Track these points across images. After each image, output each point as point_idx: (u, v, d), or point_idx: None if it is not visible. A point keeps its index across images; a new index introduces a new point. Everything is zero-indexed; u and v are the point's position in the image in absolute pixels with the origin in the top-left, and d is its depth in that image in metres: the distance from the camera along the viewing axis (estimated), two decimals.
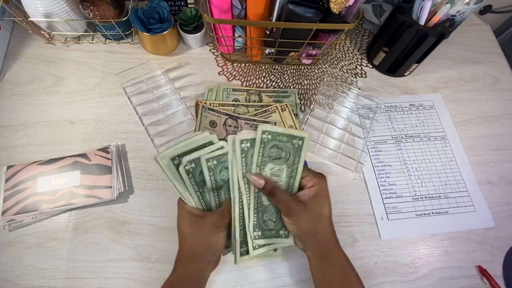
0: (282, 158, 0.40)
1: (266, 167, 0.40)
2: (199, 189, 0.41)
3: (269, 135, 0.39)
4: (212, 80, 0.66)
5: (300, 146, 0.40)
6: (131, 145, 0.58)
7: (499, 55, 0.74)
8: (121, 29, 0.64)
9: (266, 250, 0.42)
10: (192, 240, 0.40)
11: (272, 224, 0.42)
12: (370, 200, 0.56)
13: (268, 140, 0.39)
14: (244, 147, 0.39)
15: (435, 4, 0.56)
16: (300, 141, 0.40)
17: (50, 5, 0.58)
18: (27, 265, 0.49)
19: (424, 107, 0.66)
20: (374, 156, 0.60)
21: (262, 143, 0.39)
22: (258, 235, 0.41)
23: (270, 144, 0.39)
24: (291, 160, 0.40)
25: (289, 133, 0.39)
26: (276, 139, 0.39)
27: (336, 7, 0.52)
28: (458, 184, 0.59)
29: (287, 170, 0.41)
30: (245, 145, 0.39)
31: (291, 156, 0.40)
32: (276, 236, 0.42)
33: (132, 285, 0.49)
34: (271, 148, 0.39)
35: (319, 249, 0.40)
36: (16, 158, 0.56)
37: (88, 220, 0.52)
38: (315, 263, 0.40)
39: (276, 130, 0.39)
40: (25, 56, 0.66)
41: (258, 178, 0.39)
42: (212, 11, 0.55)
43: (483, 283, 0.51)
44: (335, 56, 0.71)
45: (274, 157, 0.40)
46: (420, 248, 0.53)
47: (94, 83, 0.64)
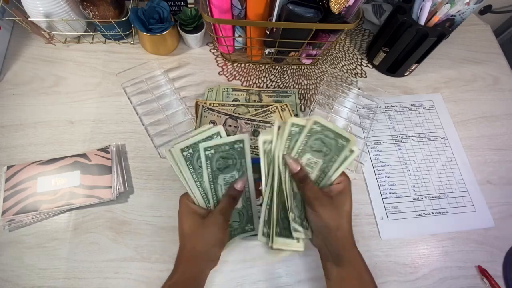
0: (321, 152, 0.41)
1: (304, 156, 0.41)
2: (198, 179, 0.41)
3: (319, 127, 0.39)
4: (212, 80, 0.66)
5: (343, 147, 0.40)
6: (131, 145, 0.58)
7: (499, 55, 0.74)
8: (121, 29, 0.64)
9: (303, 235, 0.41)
10: (193, 241, 0.40)
11: (298, 211, 0.42)
12: (370, 200, 0.56)
13: (316, 131, 0.40)
14: (293, 131, 0.40)
15: (435, 4, 0.56)
16: (345, 142, 0.40)
17: (50, 5, 0.58)
18: (27, 265, 0.49)
19: (424, 107, 0.66)
20: (374, 156, 0.60)
21: (310, 132, 0.40)
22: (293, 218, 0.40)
23: (316, 135, 0.40)
24: (329, 157, 0.41)
25: (337, 132, 0.40)
26: (324, 133, 0.40)
27: (336, 7, 0.52)
28: (458, 184, 0.59)
29: (321, 164, 0.41)
30: (294, 129, 0.40)
31: (330, 153, 0.41)
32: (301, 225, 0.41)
33: (132, 285, 0.49)
34: (316, 140, 0.40)
35: (337, 246, 0.40)
36: (16, 158, 0.56)
37: (88, 220, 0.52)
38: (331, 260, 0.39)
39: (327, 124, 0.39)
40: (25, 56, 0.66)
41: (295, 162, 0.40)
42: (212, 11, 0.55)
43: (483, 283, 0.51)
44: (335, 56, 0.71)
45: (315, 149, 0.41)
46: (420, 248, 0.53)
47: (94, 83, 0.64)
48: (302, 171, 0.40)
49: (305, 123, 0.40)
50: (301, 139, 0.40)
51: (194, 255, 0.40)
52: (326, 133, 0.40)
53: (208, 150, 0.40)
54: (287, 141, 0.40)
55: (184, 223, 0.41)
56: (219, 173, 0.42)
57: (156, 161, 0.57)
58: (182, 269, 0.39)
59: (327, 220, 0.39)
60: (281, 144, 0.40)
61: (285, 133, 0.39)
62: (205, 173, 0.41)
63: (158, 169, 0.57)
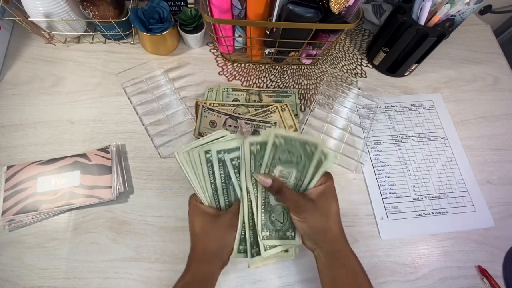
0: (292, 163, 0.40)
1: (275, 169, 0.40)
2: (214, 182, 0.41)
3: (282, 139, 0.39)
4: (212, 80, 0.66)
5: (312, 152, 0.39)
6: (131, 145, 0.58)
7: (499, 55, 0.74)
8: (121, 29, 0.64)
9: (277, 251, 0.42)
10: (206, 241, 0.40)
11: (279, 224, 0.42)
12: (370, 200, 0.56)
13: (280, 144, 0.39)
14: (254, 150, 0.39)
15: (435, 4, 0.56)
16: (313, 147, 0.39)
17: (50, 5, 0.58)
18: (27, 265, 0.49)
19: (424, 107, 0.66)
20: (374, 156, 0.60)
21: (273, 146, 0.39)
22: (266, 236, 0.41)
23: (281, 148, 0.39)
24: (302, 165, 0.40)
25: (302, 139, 0.39)
26: (288, 143, 0.39)
27: (336, 7, 0.52)
28: (458, 184, 0.59)
29: (296, 173, 0.41)
30: (254, 148, 0.39)
31: (302, 161, 0.40)
32: (284, 238, 0.42)
33: (132, 285, 0.49)
34: (283, 152, 0.39)
35: (328, 247, 0.40)
36: (16, 158, 0.56)
37: (88, 220, 0.52)
38: (324, 261, 0.39)
39: (289, 135, 0.39)
40: (25, 56, 0.66)
41: (265, 177, 0.39)
42: (212, 11, 0.55)
43: (483, 283, 0.51)
44: (335, 56, 0.71)
45: (284, 160, 0.40)
46: (420, 248, 0.53)
47: (94, 83, 0.64)
48: (276, 183, 0.39)
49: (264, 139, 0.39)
50: (266, 155, 0.39)
51: (206, 255, 0.40)
52: (291, 143, 0.39)
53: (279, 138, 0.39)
54: (251, 160, 0.40)
55: (195, 224, 0.41)
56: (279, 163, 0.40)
57: (156, 161, 0.57)
58: (194, 269, 0.39)
59: (314, 224, 0.39)
60: (246, 164, 0.39)
61: (246, 153, 0.39)
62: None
63: (158, 169, 0.57)
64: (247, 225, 0.41)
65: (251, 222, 0.41)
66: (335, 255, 0.39)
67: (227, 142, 0.41)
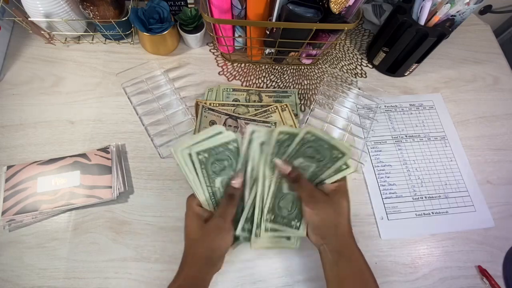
0: (314, 158, 0.41)
1: (296, 160, 0.41)
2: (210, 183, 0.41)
3: (312, 136, 0.39)
4: (212, 80, 0.66)
5: (337, 159, 0.40)
6: (131, 145, 0.58)
7: (499, 55, 0.74)
8: (121, 29, 0.64)
9: (277, 235, 0.42)
10: (197, 245, 0.40)
11: (286, 212, 0.42)
12: (370, 200, 0.56)
13: (309, 140, 0.40)
14: (281, 138, 0.40)
15: (435, 4, 0.56)
16: (340, 155, 0.40)
17: (50, 5, 0.58)
18: (27, 265, 0.49)
19: (424, 107, 0.66)
20: (374, 156, 0.60)
21: (302, 141, 0.40)
22: (270, 218, 0.41)
23: (309, 144, 0.40)
24: (323, 163, 0.41)
25: (332, 143, 0.40)
26: (318, 142, 0.40)
27: (336, 7, 0.52)
28: (458, 184, 0.59)
29: (314, 168, 0.41)
30: (282, 136, 0.40)
31: (324, 160, 0.41)
32: (288, 225, 0.42)
33: (132, 285, 0.49)
34: (309, 148, 0.40)
35: (337, 243, 0.40)
36: (16, 158, 0.56)
37: (88, 220, 0.52)
38: (331, 258, 0.39)
39: (321, 135, 0.39)
40: (25, 56, 0.66)
41: (285, 164, 0.40)
42: (212, 11, 0.55)
43: (483, 283, 0.51)
44: (335, 56, 0.71)
45: (308, 155, 0.41)
46: (420, 248, 0.53)
47: (94, 83, 0.64)
48: (294, 172, 0.40)
49: (296, 131, 0.40)
50: (292, 146, 0.40)
51: (197, 260, 0.39)
52: (320, 143, 0.40)
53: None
54: (275, 147, 0.40)
55: (188, 227, 0.41)
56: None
57: (156, 161, 0.57)
58: (185, 274, 0.39)
59: (326, 218, 0.39)
60: (269, 149, 0.40)
61: (272, 139, 0.40)
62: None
63: (158, 169, 0.57)
64: (257, 205, 0.41)
65: (260, 204, 0.41)
66: (342, 251, 0.39)
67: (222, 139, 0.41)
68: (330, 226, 0.39)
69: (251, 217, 0.42)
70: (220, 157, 0.41)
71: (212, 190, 0.42)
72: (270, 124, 0.56)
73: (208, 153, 0.40)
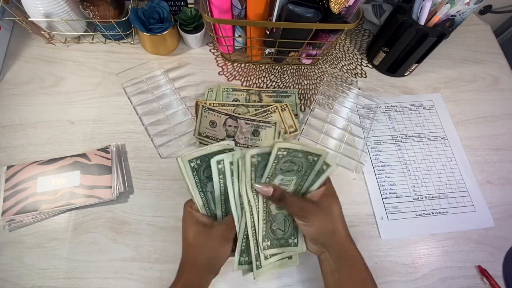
0: (293, 171, 0.40)
1: (276, 179, 0.40)
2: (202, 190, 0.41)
3: (284, 151, 0.38)
4: (212, 80, 0.66)
5: (315, 162, 0.39)
6: (131, 145, 0.58)
7: (499, 55, 0.74)
8: (121, 29, 0.64)
9: (278, 258, 0.42)
10: (198, 251, 0.39)
11: (281, 233, 0.41)
12: (370, 200, 0.56)
13: (282, 156, 0.38)
14: (255, 161, 0.39)
15: (435, 4, 0.56)
16: (316, 157, 0.39)
17: (50, 5, 0.58)
18: (27, 265, 0.49)
19: (424, 107, 0.66)
20: (374, 156, 0.60)
21: (276, 159, 0.38)
22: (268, 245, 0.40)
23: (284, 159, 0.39)
24: (302, 173, 0.40)
25: (305, 150, 0.39)
26: (291, 154, 0.39)
27: (336, 7, 0.52)
28: (458, 184, 0.59)
29: (296, 180, 0.41)
30: (255, 160, 0.38)
31: (303, 170, 0.40)
32: (286, 245, 0.42)
33: (132, 285, 0.49)
34: (285, 163, 0.39)
35: (337, 249, 0.39)
36: (16, 158, 0.56)
37: (88, 220, 0.52)
38: (332, 264, 0.39)
39: (292, 147, 0.38)
40: (25, 56, 0.66)
41: (266, 186, 0.38)
42: (212, 11, 0.55)
43: (483, 283, 0.51)
44: (335, 56, 0.71)
45: (286, 170, 0.40)
46: (420, 248, 0.53)
47: (94, 83, 0.64)
48: (277, 191, 0.38)
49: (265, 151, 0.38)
50: (268, 167, 0.39)
51: (197, 266, 0.39)
52: (294, 154, 0.39)
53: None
54: (252, 173, 0.39)
55: (188, 233, 0.40)
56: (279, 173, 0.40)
57: (156, 161, 0.57)
58: (185, 279, 0.39)
59: (320, 226, 0.39)
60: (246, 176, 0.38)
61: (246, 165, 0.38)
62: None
63: (158, 169, 0.57)
64: (250, 237, 0.40)
65: (254, 234, 0.40)
66: (343, 256, 0.39)
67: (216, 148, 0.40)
68: (328, 233, 0.39)
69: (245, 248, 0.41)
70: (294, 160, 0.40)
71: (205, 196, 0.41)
72: (270, 124, 0.56)
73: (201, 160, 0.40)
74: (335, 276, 0.39)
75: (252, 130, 0.56)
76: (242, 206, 0.40)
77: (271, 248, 0.41)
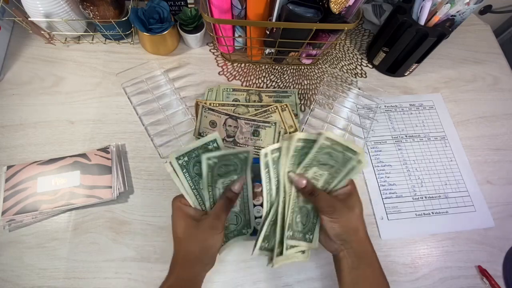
0: (328, 165, 0.41)
1: (310, 170, 0.41)
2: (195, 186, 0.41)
3: (329, 142, 0.39)
4: (212, 80, 0.66)
5: (350, 159, 0.40)
6: (131, 145, 0.58)
7: (499, 55, 0.74)
8: (121, 29, 0.64)
9: (297, 251, 0.42)
10: (188, 245, 0.39)
11: (301, 226, 0.42)
12: (370, 200, 0.56)
13: (325, 146, 0.39)
14: (299, 146, 0.39)
15: (435, 4, 0.56)
16: (352, 154, 0.39)
17: (50, 5, 0.58)
18: (27, 265, 0.49)
19: (424, 107, 0.66)
20: (374, 156, 0.60)
21: (320, 148, 0.39)
22: (290, 235, 0.41)
23: (325, 150, 0.39)
24: (335, 169, 0.41)
25: (346, 145, 0.39)
26: (333, 147, 0.39)
27: (336, 7, 0.52)
28: (458, 184, 0.59)
29: (327, 176, 0.41)
30: (300, 144, 0.39)
31: (336, 165, 0.40)
32: (303, 239, 0.42)
33: (132, 285, 0.49)
34: (324, 154, 0.40)
35: (358, 248, 0.40)
36: (16, 158, 0.56)
37: (88, 220, 0.52)
38: (351, 262, 0.39)
39: (337, 139, 0.39)
40: (25, 56, 0.66)
41: (300, 177, 0.40)
42: (212, 11, 0.55)
43: (483, 283, 0.51)
44: (335, 56, 0.71)
45: (322, 162, 0.40)
46: (420, 248, 0.53)
47: (94, 83, 0.64)
48: (309, 185, 0.40)
49: (314, 138, 0.39)
50: (311, 155, 0.39)
51: (188, 259, 0.39)
52: (335, 147, 0.39)
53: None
54: (293, 157, 0.40)
55: (177, 227, 0.40)
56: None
57: (156, 161, 0.57)
58: (177, 273, 0.39)
59: (346, 223, 0.39)
60: (287, 161, 0.39)
61: (290, 150, 0.39)
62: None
63: (158, 169, 0.57)
64: (279, 222, 0.41)
65: (282, 221, 0.41)
66: (363, 255, 0.40)
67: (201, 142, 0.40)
68: (351, 231, 0.40)
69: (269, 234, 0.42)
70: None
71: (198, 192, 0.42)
72: (270, 124, 0.56)
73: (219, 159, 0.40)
74: (353, 274, 0.39)
75: (252, 130, 0.56)
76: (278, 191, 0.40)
77: (292, 239, 0.41)
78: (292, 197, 0.41)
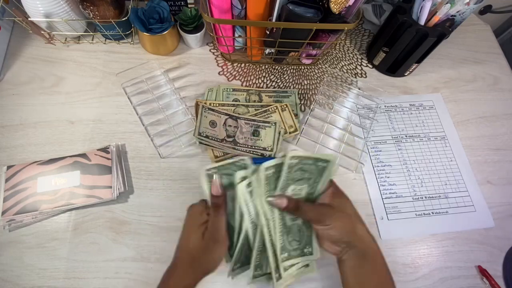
0: (304, 179, 0.41)
1: (288, 189, 0.41)
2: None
3: (296, 159, 0.39)
4: (212, 80, 0.66)
5: (323, 168, 0.40)
6: (131, 145, 0.58)
7: (499, 55, 0.74)
8: (121, 29, 0.64)
9: (296, 269, 0.42)
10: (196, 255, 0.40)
11: (296, 244, 0.42)
12: (370, 200, 0.56)
13: (294, 164, 0.39)
14: (269, 174, 0.40)
15: (435, 4, 0.56)
16: (324, 163, 0.40)
17: (50, 5, 0.58)
18: (27, 265, 0.49)
19: (424, 107, 0.66)
20: (374, 156, 0.60)
21: (289, 168, 0.39)
22: (285, 257, 0.41)
23: (295, 167, 0.40)
24: (312, 180, 0.41)
25: (314, 157, 0.40)
26: (302, 162, 0.39)
27: (336, 7, 0.52)
28: (458, 184, 0.59)
29: (307, 188, 0.41)
30: (269, 172, 0.39)
31: (313, 177, 0.41)
32: (301, 255, 0.42)
33: (132, 285, 0.49)
34: (296, 171, 0.40)
35: (361, 246, 0.39)
36: (16, 158, 0.56)
37: (88, 220, 0.52)
38: (355, 262, 0.39)
39: (303, 155, 0.39)
40: (25, 56, 0.66)
41: (279, 198, 0.39)
42: (212, 11, 0.55)
43: (483, 283, 0.51)
44: (335, 56, 0.71)
45: (297, 179, 0.40)
46: (420, 248, 0.53)
47: (94, 83, 0.64)
48: (291, 202, 0.39)
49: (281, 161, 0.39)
50: (283, 177, 0.39)
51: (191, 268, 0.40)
52: (304, 162, 0.40)
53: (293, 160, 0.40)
54: (266, 185, 0.40)
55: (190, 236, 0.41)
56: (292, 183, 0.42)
57: (156, 161, 0.57)
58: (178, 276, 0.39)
59: (342, 226, 0.39)
60: (261, 190, 0.40)
61: (261, 180, 0.39)
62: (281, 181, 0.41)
63: (158, 169, 0.57)
64: (269, 250, 0.41)
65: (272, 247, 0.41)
66: (367, 252, 0.39)
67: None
68: (349, 232, 0.39)
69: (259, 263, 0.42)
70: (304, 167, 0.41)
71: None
72: (270, 124, 0.56)
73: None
74: (357, 274, 0.39)
75: (252, 130, 0.56)
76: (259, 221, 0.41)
77: (289, 259, 0.41)
78: (277, 221, 0.40)
